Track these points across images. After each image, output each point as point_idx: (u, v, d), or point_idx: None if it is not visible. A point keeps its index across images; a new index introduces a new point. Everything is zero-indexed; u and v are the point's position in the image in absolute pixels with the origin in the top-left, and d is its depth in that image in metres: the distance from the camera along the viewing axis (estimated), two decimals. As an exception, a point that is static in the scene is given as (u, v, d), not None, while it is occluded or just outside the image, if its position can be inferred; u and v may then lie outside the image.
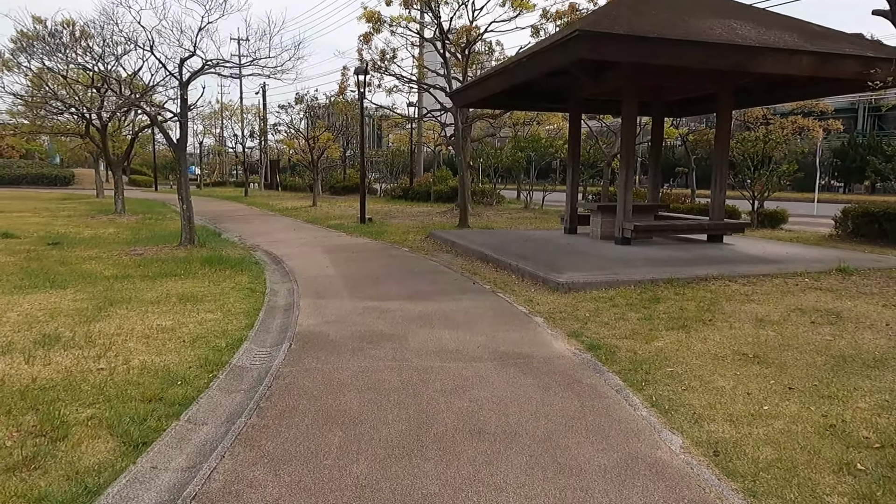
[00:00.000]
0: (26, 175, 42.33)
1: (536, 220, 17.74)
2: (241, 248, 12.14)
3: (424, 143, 29.58)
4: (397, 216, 19.37)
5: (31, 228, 14.65)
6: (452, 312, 6.49)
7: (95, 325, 5.69)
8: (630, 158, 10.00)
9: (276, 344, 5.45)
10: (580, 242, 10.90)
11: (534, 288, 7.78)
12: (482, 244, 10.92)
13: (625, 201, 10.02)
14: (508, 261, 9.07)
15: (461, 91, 12.58)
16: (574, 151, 12.14)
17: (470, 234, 12.85)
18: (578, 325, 5.94)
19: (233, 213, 21.74)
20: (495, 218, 18.16)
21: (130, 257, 10.22)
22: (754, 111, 18.50)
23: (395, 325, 5.98)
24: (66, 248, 11.23)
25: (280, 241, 13.53)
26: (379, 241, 13.40)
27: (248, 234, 15.06)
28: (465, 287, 7.99)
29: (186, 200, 11.36)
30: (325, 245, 12.58)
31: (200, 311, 6.47)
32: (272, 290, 7.93)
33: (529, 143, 21.38)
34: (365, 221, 17.07)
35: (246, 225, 17.55)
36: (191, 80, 10.88)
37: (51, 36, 15.89)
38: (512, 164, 22.45)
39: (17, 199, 27.13)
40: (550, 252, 9.86)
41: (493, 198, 23.28)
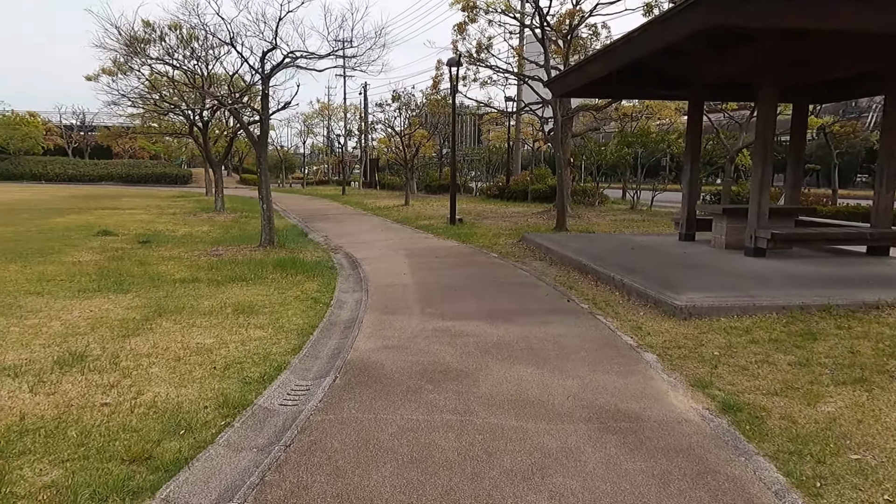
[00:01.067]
0: (151, 174, 45.84)
1: (644, 223, 15.88)
2: (321, 249, 11.57)
3: (522, 140, 28.20)
4: (490, 217, 18.24)
5: (132, 226, 15.09)
6: (539, 341, 5.26)
7: (131, 342, 5.06)
8: (767, 152, 8.18)
9: (319, 376, 4.51)
10: (700, 252, 9.19)
11: (643, 310, 6.34)
12: (580, 251, 9.53)
13: (759, 203, 8.23)
14: (611, 273, 7.64)
15: (560, 78, 11.20)
16: (694, 145, 10.37)
17: (567, 239, 11.45)
18: (705, 370, 4.49)
19: (326, 212, 21.66)
20: (597, 220, 16.51)
21: (208, 258, 9.90)
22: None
23: (466, 356, 4.85)
24: (153, 247, 11.19)
25: (364, 242, 12.88)
26: (466, 244, 12.36)
27: (334, 234, 14.61)
28: (556, 305, 6.71)
29: (267, 200, 10.93)
30: (408, 248, 11.72)
31: (250, 326, 5.71)
32: (338, 300, 7.10)
33: (637, 138, 19.40)
34: (455, 222, 16.10)
35: (335, 224, 17.21)
36: (272, 73, 10.42)
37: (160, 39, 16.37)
38: (617, 161, 20.56)
39: (137, 197, 29.02)
40: (663, 264, 8.30)
41: (596, 198, 21.49)
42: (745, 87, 10.23)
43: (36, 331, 5.30)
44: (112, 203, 23.91)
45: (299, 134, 38.34)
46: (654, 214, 18.58)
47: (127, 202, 24.78)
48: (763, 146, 8.19)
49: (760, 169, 8.20)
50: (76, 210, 19.69)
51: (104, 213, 18.96)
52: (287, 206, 24.82)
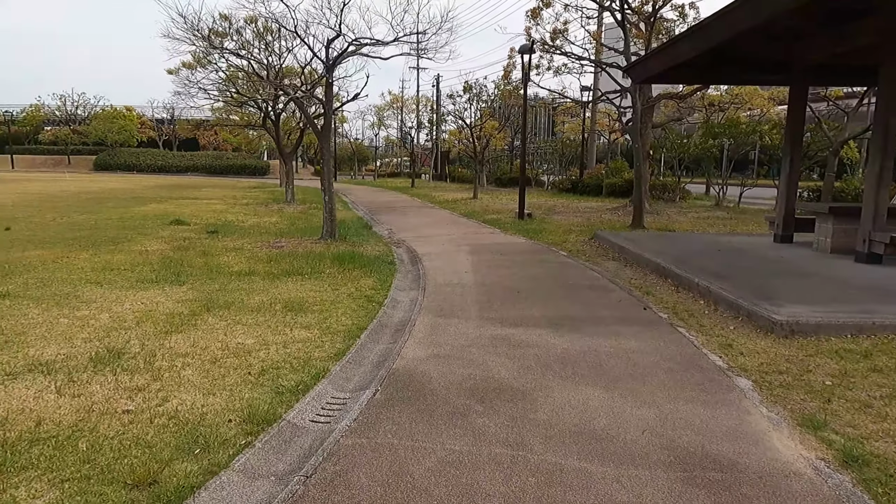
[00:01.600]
0: (232, 166, 47.75)
1: (731, 221, 14.58)
2: (383, 243, 11.25)
3: (598, 132, 26.92)
4: (561, 212, 17.40)
5: (205, 216, 15.43)
6: (609, 356, 4.61)
7: (172, 339, 4.84)
8: (889, 142, 7.02)
9: (360, 387, 4.08)
10: (800, 257, 8.12)
11: (733, 324, 5.52)
12: (659, 252, 8.66)
13: (876, 201, 7.11)
14: (695, 279, 6.80)
15: (641, 62, 10.27)
16: (794, 135, 9.21)
17: (644, 239, 10.55)
18: (816, 404, 3.71)
19: (394, 204, 21.49)
20: (678, 218, 15.33)
21: (269, 250, 9.79)
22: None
23: (524, 371, 4.28)
24: (219, 238, 11.26)
25: (428, 236, 12.49)
26: (534, 241, 11.70)
27: (399, 227, 14.32)
28: (631, 313, 5.98)
29: (329, 192, 10.71)
30: (472, 244, 11.21)
31: (296, 325, 5.39)
32: (393, 300, 6.69)
33: (725, 129, 17.89)
34: (523, 217, 15.42)
35: (401, 217, 16.95)
36: (337, 62, 10.14)
37: (237, 33, 16.65)
38: (701, 153, 19.10)
39: (216, 187, 30.11)
40: (757, 269, 7.34)
41: (677, 193, 20.12)
42: (860, 70, 8.97)
43: (83, 323, 5.20)
44: (192, 193, 24.85)
45: (371, 126, 38.69)
46: (743, 212, 17.09)
47: (206, 192, 25.69)
48: (884, 135, 7.04)
49: (879, 162, 7.06)
50: (157, 199, 20.52)
51: (182, 202, 19.63)
52: (356, 197, 24.93)
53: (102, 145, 49.97)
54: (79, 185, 29.07)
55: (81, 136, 50.26)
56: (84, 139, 50.29)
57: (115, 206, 17.73)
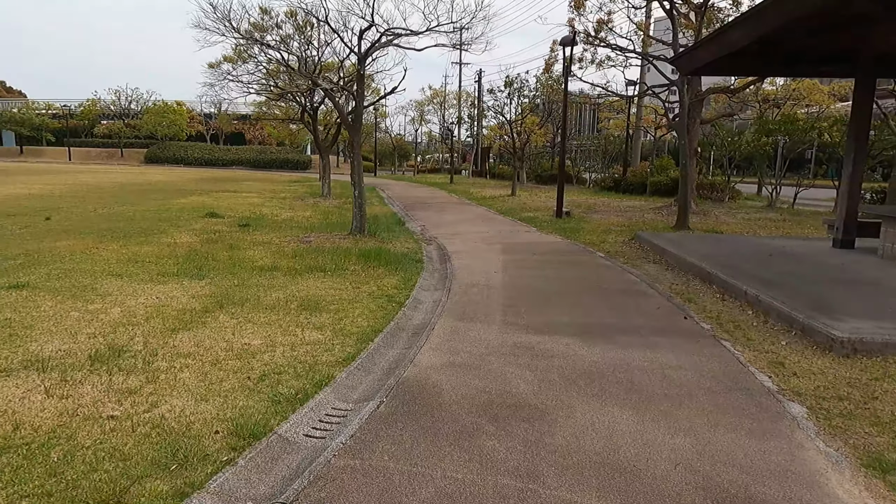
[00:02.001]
0: (276, 160, 48.41)
1: (785, 224, 13.69)
2: (413, 240, 10.96)
3: (643, 128, 25.95)
4: (602, 211, 16.76)
5: (241, 209, 15.47)
6: (642, 372, 4.16)
7: (177, 337, 4.64)
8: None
9: (364, 398, 3.77)
10: (863, 265, 7.40)
11: (785, 339, 4.97)
12: (704, 256, 8.07)
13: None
14: (743, 286, 6.23)
15: (689, 52, 9.61)
16: (859, 132, 8.42)
17: (688, 241, 9.92)
18: (885, 440, 3.19)
19: (430, 201, 21.22)
20: (726, 219, 14.51)
21: (297, 245, 9.62)
22: None
23: (546, 386, 3.89)
24: (250, 231, 11.19)
25: (461, 234, 12.15)
26: (571, 240, 11.20)
27: (432, 223, 14.03)
28: (669, 323, 5.49)
29: (359, 186, 10.49)
30: (505, 242, 10.80)
31: (308, 326, 5.13)
32: (415, 300, 6.37)
33: (781, 126, 16.85)
34: (561, 216, 14.89)
35: (436, 214, 16.65)
36: (369, 53, 9.88)
37: (277, 27, 16.67)
38: (753, 151, 18.09)
39: (258, 181, 30.49)
40: (813, 278, 6.70)
41: (726, 193, 19.15)
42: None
43: (93, 318, 5.07)
44: (233, 186, 25.18)
45: (412, 121, 38.53)
46: (797, 214, 16.09)
47: (246, 185, 26.00)
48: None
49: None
50: (198, 192, 20.82)
51: (221, 195, 19.84)
52: (393, 193, 24.79)
53: (153, 139, 51.50)
54: (127, 176, 29.91)
55: (133, 130, 51.91)
56: (136, 133, 51.94)
57: (156, 198, 18.04)
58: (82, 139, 53.92)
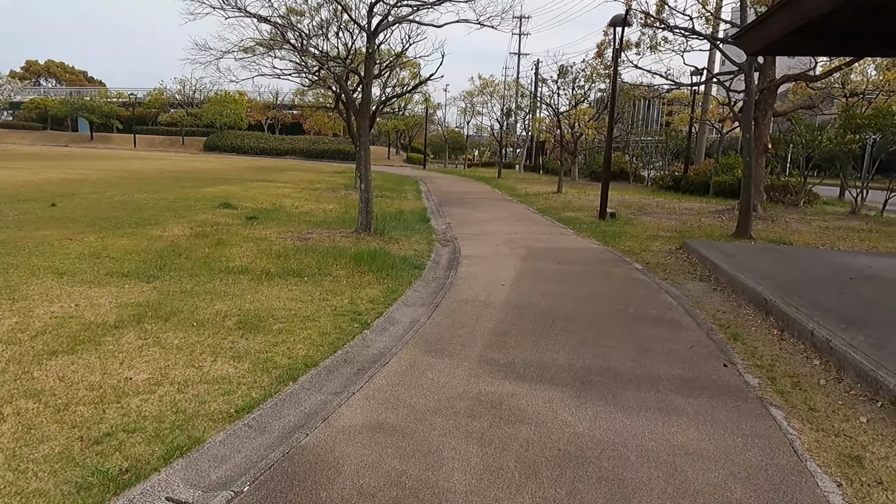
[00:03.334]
0: (327, 150, 48.39)
1: (872, 236, 11.64)
2: (427, 241, 9.80)
3: (708, 122, 23.64)
4: (654, 212, 15.05)
5: (263, 199, 14.78)
6: (642, 460, 2.85)
7: (48, 364, 3.69)
8: None
9: (225, 481, 2.65)
10: (977, 296, 5.66)
11: (866, 412, 3.49)
12: (763, 276, 6.51)
13: None
14: (809, 323, 4.72)
15: (757, 25, 7.90)
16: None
17: (747, 254, 8.28)
18: None
19: (469, 196, 19.99)
20: (799, 227, 12.55)
21: (292, 242, 8.67)
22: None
23: (492, 478, 2.65)
24: (254, 225, 10.36)
25: (485, 234, 10.91)
26: (608, 247, 9.76)
27: (460, 221, 12.85)
28: (702, 371, 4.09)
29: (365, 180, 9.41)
30: (531, 246, 9.48)
31: (227, 354, 4.07)
32: (387, 319, 5.22)
33: (870, 121, 14.55)
34: (605, 217, 13.34)
35: (469, 210, 15.44)
36: (378, 28, 8.76)
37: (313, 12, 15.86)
38: (836, 149, 15.80)
39: (302, 171, 30.13)
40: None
41: (802, 196, 16.92)
42: None
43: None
44: (274, 176, 24.81)
45: (463, 112, 37.26)
46: (887, 223, 13.85)
47: (288, 175, 25.58)
48: None
49: None
50: (234, 181, 20.43)
51: (255, 185, 19.35)
52: (435, 186, 23.74)
53: (213, 127, 52.60)
54: (176, 164, 30.21)
55: (195, 119, 53.18)
56: (197, 121, 53.20)
57: (186, 185, 17.68)
58: (148, 127, 55.79)
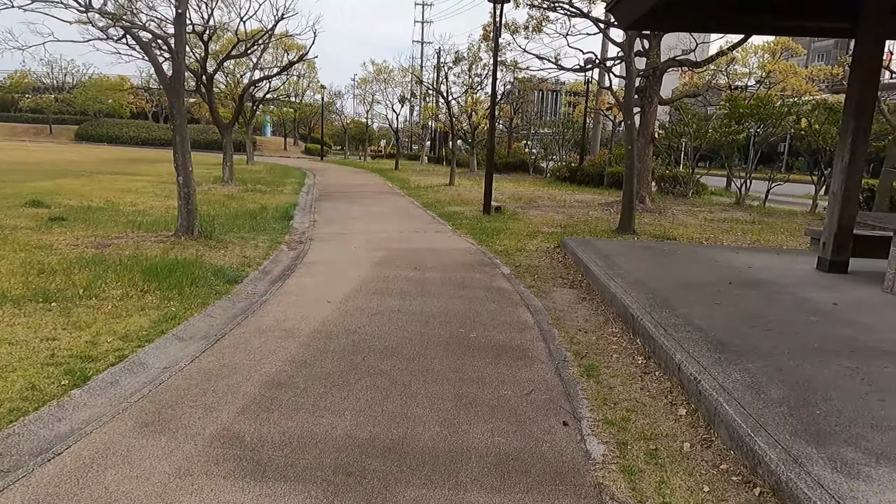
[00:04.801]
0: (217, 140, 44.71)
1: (754, 227, 11.30)
2: (270, 244, 8.24)
3: (600, 111, 23.40)
4: (543, 205, 14.21)
5: (97, 195, 12.54)
6: None
7: None
8: None
9: None
10: (870, 309, 4.89)
11: (743, 497, 2.40)
12: (635, 282, 5.53)
13: None
14: (676, 353, 3.66)
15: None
16: (860, 110, 5.90)
17: (625, 253, 7.38)
18: None
19: (355, 189, 18.47)
20: (685, 219, 12.07)
21: (84, 250, 6.83)
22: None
23: None
24: (58, 227, 8.35)
25: (351, 233, 9.59)
26: (482, 246, 8.66)
27: (329, 219, 11.37)
28: (531, 441, 2.89)
29: (184, 172, 7.68)
30: (395, 248, 8.22)
31: None
32: (127, 368, 3.73)
33: (753, 111, 14.45)
34: (489, 211, 12.28)
35: (346, 205, 13.97)
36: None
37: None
38: (721, 140, 15.70)
39: (180, 163, 27.25)
40: (796, 338, 4.15)
41: (691, 187, 16.77)
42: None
43: None
44: (139, 168, 22.12)
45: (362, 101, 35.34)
46: (769, 213, 13.76)
47: (156, 168, 22.85)
48: None
49: None
50: (80, 174, 17.73)
51: (104, 178, 16.81)
52: (323, 179, 22.07)
53: (87, 115, 47.44)
54: (29, 154, 26.52)
55: (65, 105, 47.70)
56: (68, 108, 47.76)
57: (18, 179, 14.96)
58: (9, 114, 49.52)
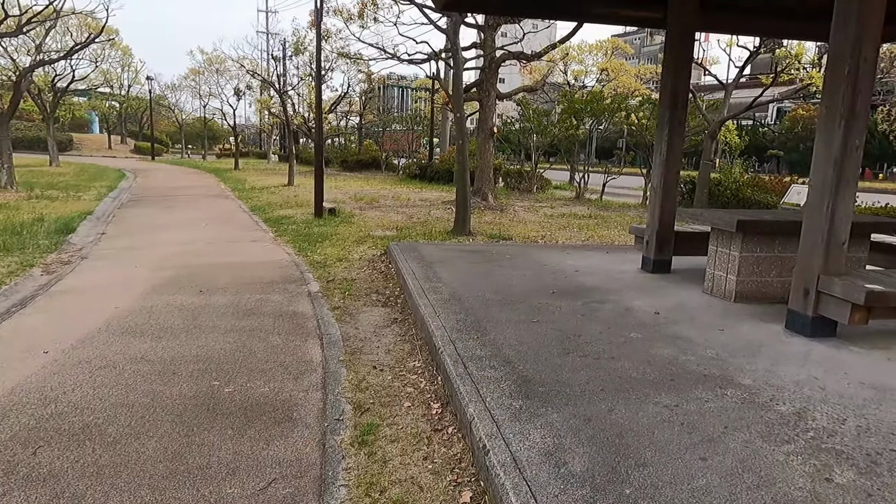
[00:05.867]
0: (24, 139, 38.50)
1: (591, 222, 11.28)
2: (4, 271, 6.41)
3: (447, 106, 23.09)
4: (384, 206, 13.31)
5: None
6: None
7: None
8: (860, 108, 3.48)
9: None
10: (691, 317, 4.49)
11: None
12: (450, 299, 4.74)
13: (832, 212, 3.58)
14: (470, 407, 2.84)
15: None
16: (674, 101, 5.61)
17: (451, 260, 6.64)
18: None
19: (179, 193, 16.31)
20: (526, 216, 11.80)
21: None
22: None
23: None
24: None
25: (147, 247, 8.01)
26: (301, 256, 7.56)
27: (128, 229, 9.59)
28: None
29: None
30: (191, 265, 6.79)
31: None
32: None
33: (587, 106, 14.71)
34: (321, 214, 11.11)
35: (159, 212, 12.06)
36: None
37: None
38: (559, 135, 15.88)
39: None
40: (613, 365, 3.54)
41: (534, 182, 16.83)
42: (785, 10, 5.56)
43: None
44: None
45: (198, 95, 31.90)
46: (606, 207, 14.05)
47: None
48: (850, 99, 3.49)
49: (840, 140, 3.53)
50: None
51: None
52: (145, 182, 19.40)
53: None
54: None
55: None
56: None
57: None
58: None
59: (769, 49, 13.85)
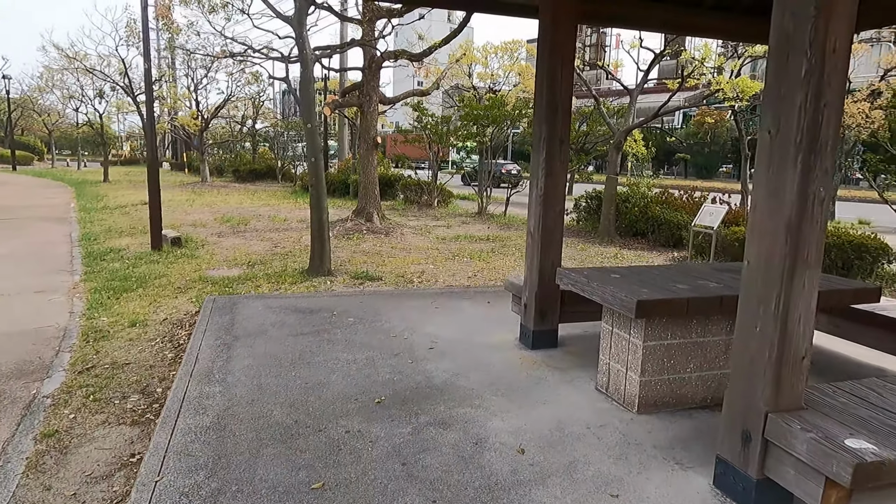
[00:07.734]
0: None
1: (487, 246, 9.79)
2: None
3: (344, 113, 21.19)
4: (252, 229, 11.28)
5: None
6: None
7: None
8: (827, 133, 2.07)
9: None
10: (576, 439, 2.96)
11: None
12: (216, 423, 2.97)
13: (784, 305, 2.11)
14: None
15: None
16: (551, 107, 4.12)
17: (265, 335, 4.87)
18: None
19: (13, 213, 13.49)
20: (413, 240, 10.16)
21: None
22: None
23: None
24: None
25: None
26: (81, 320, 5.60)
27: None
28: None
29: None
30: None
31: None
32: None
33: (486, 112, 13.29)
34: (160, 247, 8.98)
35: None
36: None
37: None
38: (462, 142, 14.42)
39: None
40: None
41: (436, 195, 15.28)
42: None
43: None
44: None
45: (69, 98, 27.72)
46: (509, 224, 12.68)
47: None
48: (810, 127, 2.06)
49: (796, 189, 2.08)
50: None
51: None
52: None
53: None
54: None
55: None
56: None
57: None
58: None
59: (675, 52, 13.00)
